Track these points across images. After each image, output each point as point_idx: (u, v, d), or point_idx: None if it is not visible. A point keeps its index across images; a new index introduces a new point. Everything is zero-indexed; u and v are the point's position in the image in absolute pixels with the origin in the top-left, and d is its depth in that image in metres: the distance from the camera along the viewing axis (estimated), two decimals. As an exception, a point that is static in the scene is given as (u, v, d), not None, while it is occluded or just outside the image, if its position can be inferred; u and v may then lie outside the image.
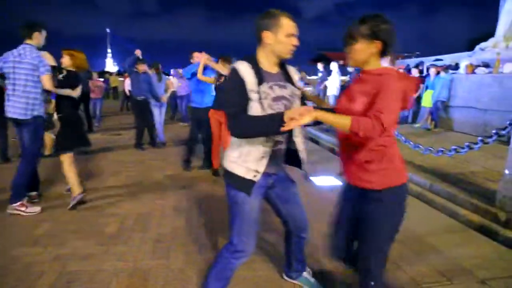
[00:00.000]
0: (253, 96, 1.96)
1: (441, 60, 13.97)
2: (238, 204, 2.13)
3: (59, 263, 3.02)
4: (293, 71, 2.22)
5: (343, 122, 1.70)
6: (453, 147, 4.57)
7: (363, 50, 1.83)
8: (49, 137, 6.61)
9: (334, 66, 10.75)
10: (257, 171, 2.06)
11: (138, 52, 7.57)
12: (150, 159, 6.81)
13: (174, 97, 11.82)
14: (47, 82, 4.02)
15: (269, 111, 1.98)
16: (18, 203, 4.05)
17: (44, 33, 4.22)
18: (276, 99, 2.04)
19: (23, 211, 4.04)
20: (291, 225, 2.49)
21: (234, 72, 1.98)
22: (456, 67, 10.88)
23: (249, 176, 2.06)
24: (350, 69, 13.97)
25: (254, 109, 1.97)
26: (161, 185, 5.24)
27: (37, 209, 4.14)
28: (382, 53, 1.85)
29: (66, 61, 4.25)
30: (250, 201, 2.11)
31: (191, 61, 6.23)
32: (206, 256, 3.18)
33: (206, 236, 3.58)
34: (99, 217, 4.00)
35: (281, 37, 1.96)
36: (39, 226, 3.76)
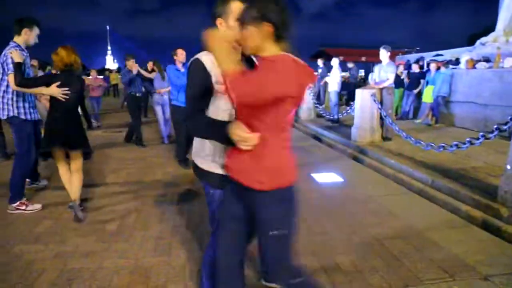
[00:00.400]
0: (218, 87, 1.82)
1: (441, 55, 13.96)
2: (216, 201, 2.03)
3: (60, 261, 3.02)
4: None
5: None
6: (455, 142, 4.56)
7: (254, 35, 1.66)
8: None
9: (335, 62, 10.73)
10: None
11: (134, 69, 7.49)
12: (151, 156, 6.79)
13: None
14: (10, 81, 3.90)
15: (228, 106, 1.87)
16: (18, 203, 4.05)
17: (36, 30, 4.14)
18: None
19: (24, 210, 4.03)
20: None
21: (198, 64, 1.84)
22: (457, 62, 10.86)
23: (221, 171, 1.93)
24: (350, 65, 13.96)
25: (223, 102, 1.85)
26: (162, 182, 5.23)
27: (37, 206, 4.14)
28: (277, 37, 1.66)
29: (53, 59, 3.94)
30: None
31: (174, 57, 6.02)
32: (207, 253, 3.17)
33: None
34: (100, 215, 3.99)
35: (232, 23, 1.82)
36: (40, 223, 3.75)
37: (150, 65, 8.57)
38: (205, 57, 1.84)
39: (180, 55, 5.94)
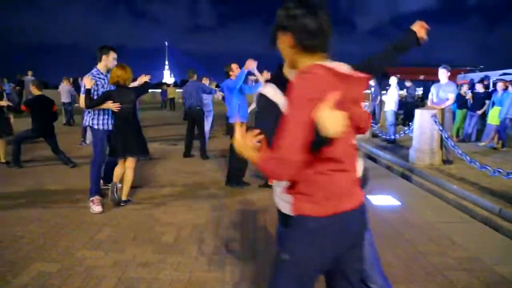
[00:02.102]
0: None
1: (509, 74, 13.14)
2: None
3: (119, 269, 3.12)
4: None
5: (255, 160, 1.42)
6: (526, 169, 4.24)
7: (282, 47, 1.49)
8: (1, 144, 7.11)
9: (393, 80, 10.46)
10: None
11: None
12: (207, 170, 6.93)
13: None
14: (80, 102, 4.73)
15: None
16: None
17: (112, 54, 4.84)
18: None
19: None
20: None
21: (263, 99, 1.67)
22: (527, 82, 10.16)
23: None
24: (408, 84, 13.53)
25: None
26: (217, 196, 5.30)
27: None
28: (305, 47, 1.44)
29: None
30: None
31: (230, 73, 5.83)
32: (262, 270, 3.14)
33: (262, 250, 3.55)
34: (156, 226, 4.11)
35: None
36: (100, 230, 3.93)
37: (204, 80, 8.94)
38: (267, 90, 1.68)
39: (236, 69, 5.88)
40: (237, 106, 5.65)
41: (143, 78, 5.25)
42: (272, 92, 1.66)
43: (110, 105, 4.55)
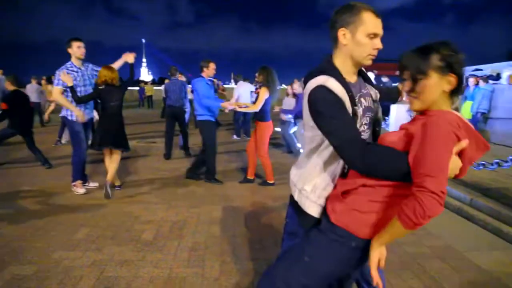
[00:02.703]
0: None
1: (480, 70, 13.53)
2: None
3: (98, 268, 3.10)
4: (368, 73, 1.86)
5: (394, 230, 1.37)
6: (496, 160, 4.40)
7: (435, 87, 1.41)
8: None
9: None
10: None
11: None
12: (185, 167, 6.88)
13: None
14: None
15: (360, 129, 1.64)
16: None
17: (76, 43, 4.93)
18: (364, 112, 1.68)
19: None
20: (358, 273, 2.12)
21: (330, 95, 1.51)
22: (497, 77, 10.51)
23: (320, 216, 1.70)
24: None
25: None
26: (196, 193, 5.30)
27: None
28: (454, 92, 1.44)
29: None
30: None
31: (205, 69, 5.65)
32: (241, 266, 3.17)
33: (241, 246, 3.58)
34: (136, 224, 4.08)
35: (361, 37, 1.56)
36: (78, 230, 3.87)
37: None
38: (330, 83, 1.54)
39: (212, 69, 5.75)
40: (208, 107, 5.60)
41: (128, 56, 5.27)
42: (339, 89, 1.53)
43: (77, 112, 4.87)
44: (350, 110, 1.55)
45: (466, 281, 2.97)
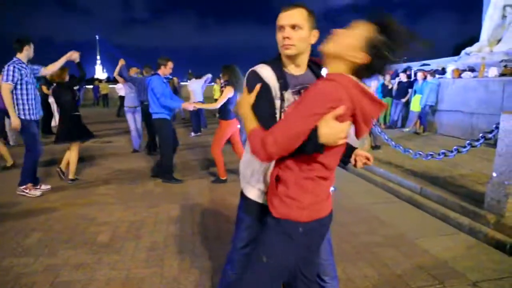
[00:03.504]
0: (276, 103, 1.70)
1: (428, 64, 14.19)
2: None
3: (51, 273, 2.99)
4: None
5: (248, 126, 1.54)
6: (442, 150, 4.63)
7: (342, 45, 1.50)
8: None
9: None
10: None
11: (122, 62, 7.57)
12: (143, 167, 6.77)
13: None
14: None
15: None
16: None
17: (32, 46, 4.85)
18: None
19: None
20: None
21: (256, 77, 1.69)
22: (443, 71, 11.07)
23: (261, 200, 1.81)
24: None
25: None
26: (153, 193, 5.22)
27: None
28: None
29: None
30: None
31: (162, 67, 5.60)
32: (200, 264, 3.17)
33: (200, 244, 3.57)
34: (91, 226, 3.97)
35: (276, 31, 1.72)
36: (29, 235, 3.71)
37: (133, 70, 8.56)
38: (262, 69, 1.72)
39: (170, 68, 5.69)
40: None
41: (73, 55, 5.24)
42: (269, 74, 1.70)
43: (14, 118, 4.67)
44: (278, 95, 1.68)
45: (416, 266, 3.13)
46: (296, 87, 1.74)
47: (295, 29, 1.67)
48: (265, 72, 1.70)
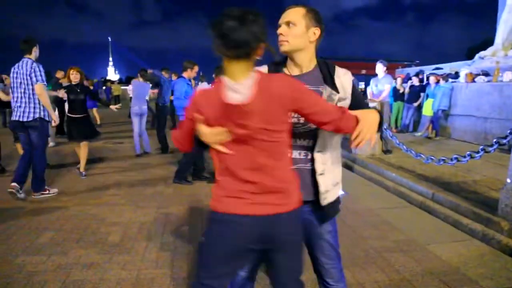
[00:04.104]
0: None
1: (441, 68, 14.05)
2: None
3: (63, 272, 3.02)
4: (341, 72, 1.88)
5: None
6: (455, 156, 4.59)
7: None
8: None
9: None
10: None
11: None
12: (153, 167, 6.82)
13: None
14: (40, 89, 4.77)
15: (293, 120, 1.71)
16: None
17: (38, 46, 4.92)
18: None
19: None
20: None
21: None
22: (456, 75, 10.95)
23: None
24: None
25: None
26: (164, 194, 5.25)
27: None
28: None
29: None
30: None
31: (189, 70, 5.83)
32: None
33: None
34: (102, 226, 4.00)
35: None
36: (42, 234, 3.76)
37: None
38: (260, 69, 1.69)
39: (195, 72, 5.89)
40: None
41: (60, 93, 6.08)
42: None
43: (53, 114, 5.00)
44: None
45: (428, 272, 3.09)
46: None
47: (289, 26, 1.69)
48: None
